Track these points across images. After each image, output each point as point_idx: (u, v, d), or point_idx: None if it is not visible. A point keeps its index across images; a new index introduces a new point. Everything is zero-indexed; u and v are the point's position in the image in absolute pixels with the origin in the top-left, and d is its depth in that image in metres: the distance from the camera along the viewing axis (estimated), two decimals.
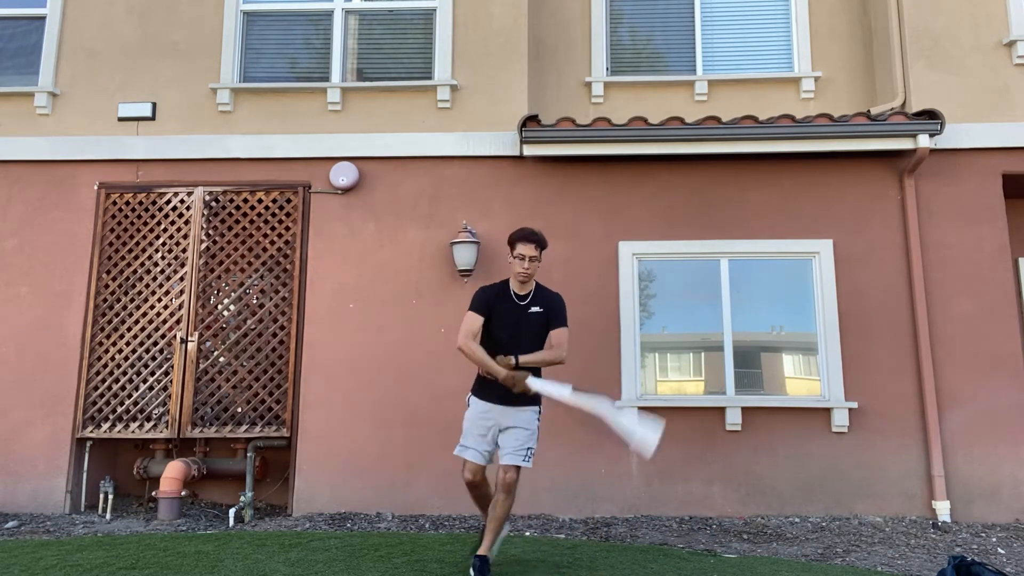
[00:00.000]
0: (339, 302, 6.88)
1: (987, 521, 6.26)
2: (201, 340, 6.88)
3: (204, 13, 7.46)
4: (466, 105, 7.19)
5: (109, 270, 7.03)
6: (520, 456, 4.32)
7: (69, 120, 7.32)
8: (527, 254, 4.38)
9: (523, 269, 4.40)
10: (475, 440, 4.39)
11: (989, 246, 6.70)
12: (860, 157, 6.88)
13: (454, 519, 6.27)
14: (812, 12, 7.77)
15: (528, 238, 4.41)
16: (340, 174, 6.98)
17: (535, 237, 4.43)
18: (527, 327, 4.44)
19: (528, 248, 4.39)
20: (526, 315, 4.44)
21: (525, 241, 4.41)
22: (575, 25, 7.87)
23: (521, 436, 4.36)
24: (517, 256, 4.41)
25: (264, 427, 6.73)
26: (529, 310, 4.45)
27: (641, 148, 6.75)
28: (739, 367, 6.72)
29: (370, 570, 4.52)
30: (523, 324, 4.43)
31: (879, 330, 6.63)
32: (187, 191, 7.13)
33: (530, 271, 4.42)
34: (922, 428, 6.45)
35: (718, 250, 6.86)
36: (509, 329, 4.41)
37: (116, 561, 4.72)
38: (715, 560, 4.93)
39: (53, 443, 6.71)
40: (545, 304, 4.49)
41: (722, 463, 6.51)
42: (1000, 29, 7.02)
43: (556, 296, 4.57)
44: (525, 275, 4.42)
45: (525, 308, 4.46)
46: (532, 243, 4.40)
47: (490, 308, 4.43)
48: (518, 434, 4.36)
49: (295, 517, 6.42)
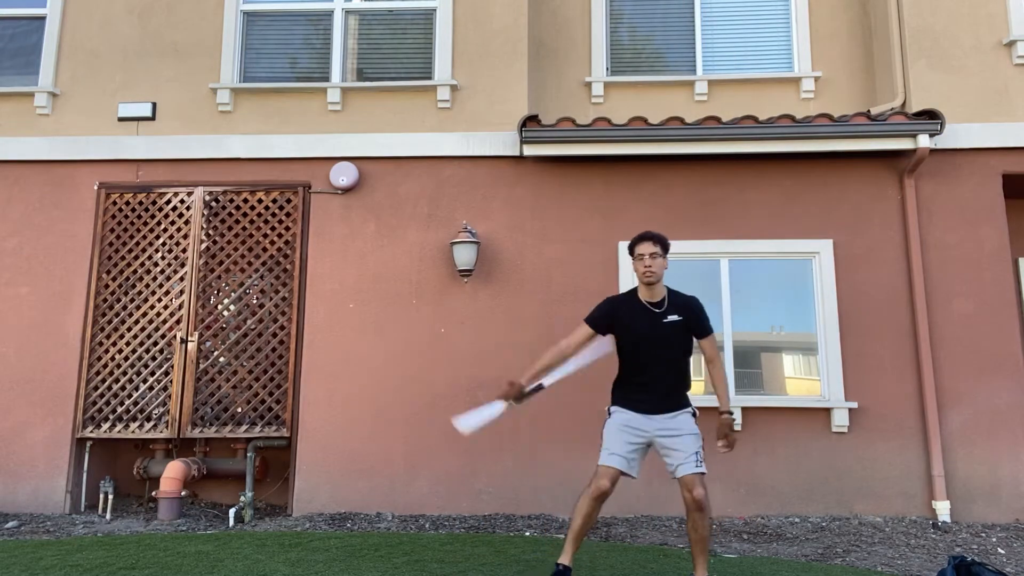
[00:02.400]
0: (339, 302, 6.88)
1: (987, 521, 6.26)
2: (201, 340, 6.88)
3: (204, 13, 7.46)
4: (466, 105, 7.19)
5: (109, 270, 7.03)
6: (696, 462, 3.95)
7: (69, 120, 7.33)
8: (646, 252, 4.04)
9: (645, 267, 4.03)
10: (623, 447, 4.02)
11: (989, 246, 6.70)
12: (860, 157, 6.88)
13: (454, 519, 6.27)
14: (812, 12, 7.77)
15: (644, 237, 4.10)
16: (340, 174, 6.99)
17: (652, 235, 4.10)
18: (664, 340, 4.05)
19: (647, 246, 4.05)
20: (662, 325, 4.05)
21: (642, 241, 4.09)
22: (575, 25, 7.88)
23: (689, 441, 4.00)
24: (637, 257, 4.09)
25: (264, 427, 6.73)
26: (665, 319, 4.06)
27: (641, 148, 6.75)
28: (739, 367, 6.72)
29: (370, 570, 4.52)
30: (660, 336, 4.04)
31: (879, 330, 6.63)
32: (187, 191, 7.13)
33: (654, 269, 4.03)
34: (922, 428, 6.45)
35: (718, 250, 6.86)
36: (644, 343, 4.05)
37: (116, 561, 4.72)
38: (715, 560, 4.93)
39: (53, 443, 6.71)
40: (683, 310, 4.10)
41: (722, 463, 6.51)
42: (1000, 29, 7.02)
43: (693, 299, 4.19)
44: (650, 274, 4.04)
45: (660, 317, 4.07)
46: (649, 240, 4.06)
47: (613, 320, 4.09)
48: (686, 440, 4.00)
49: (295, 517, 6.42)
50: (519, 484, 6.50)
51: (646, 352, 4.07)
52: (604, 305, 4.19)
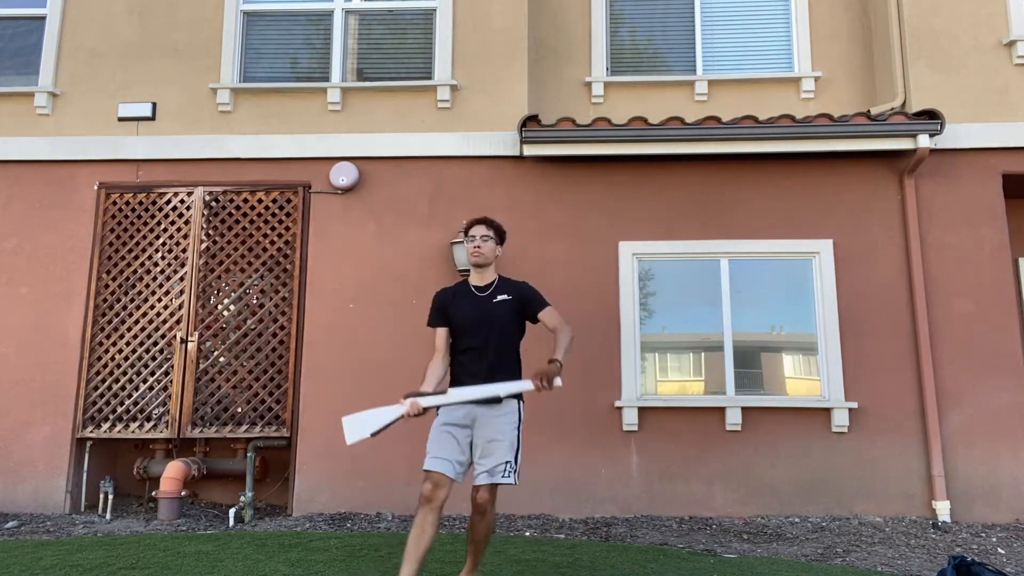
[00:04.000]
0: (339, 302, 6.88)
1: (987, 521, 6.26)
2: (201, 340, 6.88)
3: (204, 13, 7.46)
4: (466, 105, 7.19)
5: (109, 270, 7.03)
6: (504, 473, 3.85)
7: (69, 120, 7.32)
8: (477, 234, 4.02)
9: (475, 247, 4.00)
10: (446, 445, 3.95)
11: (989, 246, 6.70)
12: (860, 157, 6.88)
13: (454, 519, 6.27)
14: (812, 12, 7.77)
15: (478, 220, 4.09)
16: (340, 174, 6.99)
17: (487, 219, 4.10)
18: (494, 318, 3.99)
19: (479, 228, 4.04)
20: (491, 305, 4.01)
21: (476, 224, 4.07)
22: (575, 25, 7.87)
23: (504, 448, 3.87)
24: (468, 239, 4.06)
25: (264, 427, 6.73)
26: (494, 299, 4.03)
27: (641, 148, 6.75)
28: (739, 367, 6.72)
29: (370, 570, 4.52)
30: (488, 316, 3.98)
31: (879, 330, 6.63)
32: (187, 191, 7.13)
33: (483, 251, 4.00)
34: (922, 428, 6.45)
35: (718, 250, 6.86)
36: (474, 325, 3.98)
37: (116, 561, 4.72)
38: (715, 560, 4.93)
39: (53, 443, 6.71)
40: (512, 291, 4.07)
41: (722, 463, 6.51)
42: (1000, 29, 7.02)
43: (522, 283, 4.17)
44: (478, 254, 4.00)
45: (489, 299, 4.04)
46: (483, 224, 4.06)
47: (447, 311, 4.07)
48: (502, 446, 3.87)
49: (295, 517, 6.42)
50: (519, 484, 6.48)
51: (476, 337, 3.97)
52: (433, 302, 4.14)
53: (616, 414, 6.60)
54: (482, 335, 3.97)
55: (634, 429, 6.56)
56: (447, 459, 3.84)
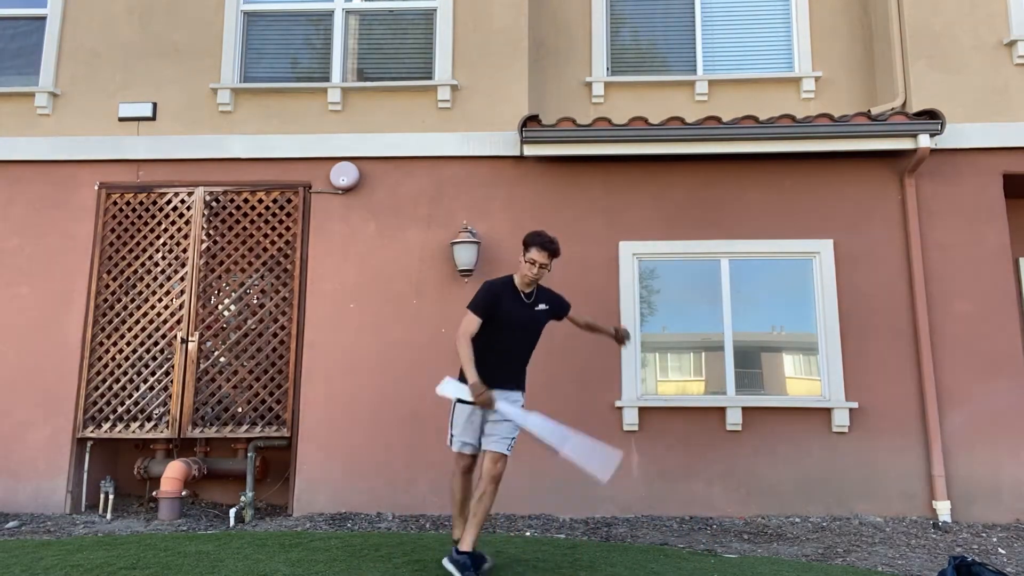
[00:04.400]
0: (339, 302, 6.88)
1: (988, 521, 6.26)
2: (201, 340, 6.88)
3: (204, 13, 7.46)
4: (466, 105, 7.19)
5: (110, 270, 7.03)
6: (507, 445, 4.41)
7: (69, 120, 7.33)
8: (539, 261, 4.43)
9: (533, 275, 4.46)
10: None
11: (989, 246, 6.70)
12: (860, 157, 6.88)
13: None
14: (812, 12, 7.77)
15: (544, 246, 4.43)
16: (340, 174, 6.99)
17: (551, 246, 4.45)
18: (534, 326, 4.58)
19: (542, 256, 4.43)
20: (535, 314, 4.55)
21: (541, 248, 4.43)
22: (575, 25, 7.87)
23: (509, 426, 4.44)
24: (528, 261, 4.44)
25: (264, 427, 6.73)
26: (536, 307, 4.56)
27: (641, 148, 6.75)
28: (739, 367, 6.72)
29: (370, 570, 4.52)
30: (531, 323, 4.55)
31: (879, 330, 6.63)
32: (187, 191, 7.14)
33: (539, 278, 4.50)
34: (922, 428, 6.45)
35: (718, 250, 6.86)
36: (517, 329, 4.49)
37: (117, 561, 4.72)
38: (715, 560, 4.93)
39: (53, 443, 6.71)
40: (547, 300, 4.63)
41: (722, 463, 6.51)
42: (1000, 29, 7.02)
43: (550, 290, 4.75)
44: (533, 280, 4.50)
45: (533, 306, 4.55)
46: (547, 252, 4.43)
47: (496, 307, 4.43)
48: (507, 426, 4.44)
49: (295, 517, 6.42)
50: (519, 484, 6.49)
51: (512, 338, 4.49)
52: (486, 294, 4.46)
53: (616, 414, 6.60)
54: (518, 339, 4.52)
55: (634, 429, 6.56)
56: (472, 443, 4.49)
